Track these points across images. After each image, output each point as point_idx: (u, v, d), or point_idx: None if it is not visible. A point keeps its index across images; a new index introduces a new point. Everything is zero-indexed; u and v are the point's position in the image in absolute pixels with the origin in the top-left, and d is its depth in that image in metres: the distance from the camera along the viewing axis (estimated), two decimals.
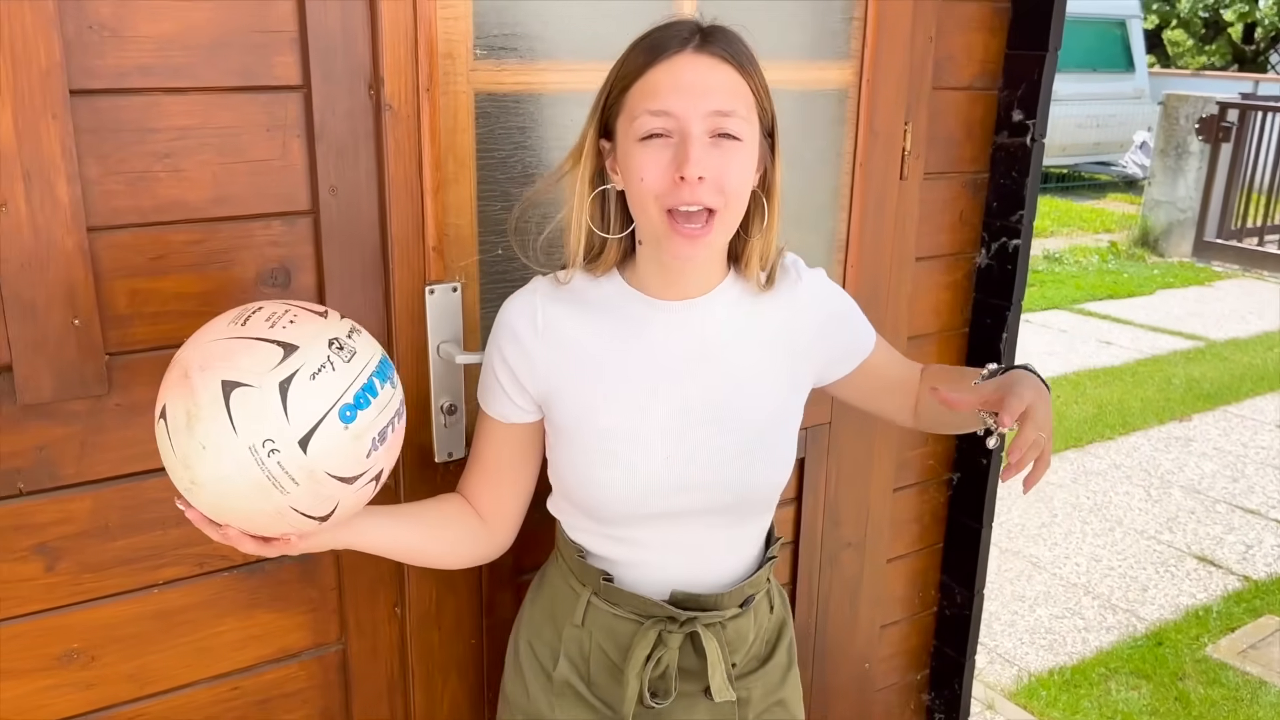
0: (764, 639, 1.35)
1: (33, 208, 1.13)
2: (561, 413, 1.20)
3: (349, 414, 1.00)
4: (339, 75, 1.28)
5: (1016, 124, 1.91)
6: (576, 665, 1.29)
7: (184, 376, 0.99)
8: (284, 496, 0.99)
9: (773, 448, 1.23)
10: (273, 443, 0.97)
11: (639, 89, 1.09)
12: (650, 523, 1.21)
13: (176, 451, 0.99)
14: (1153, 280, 8.30)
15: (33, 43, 1.10)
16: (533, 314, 1.20)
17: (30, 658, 1.27)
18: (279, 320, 1.02)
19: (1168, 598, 3.55)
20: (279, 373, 0.97)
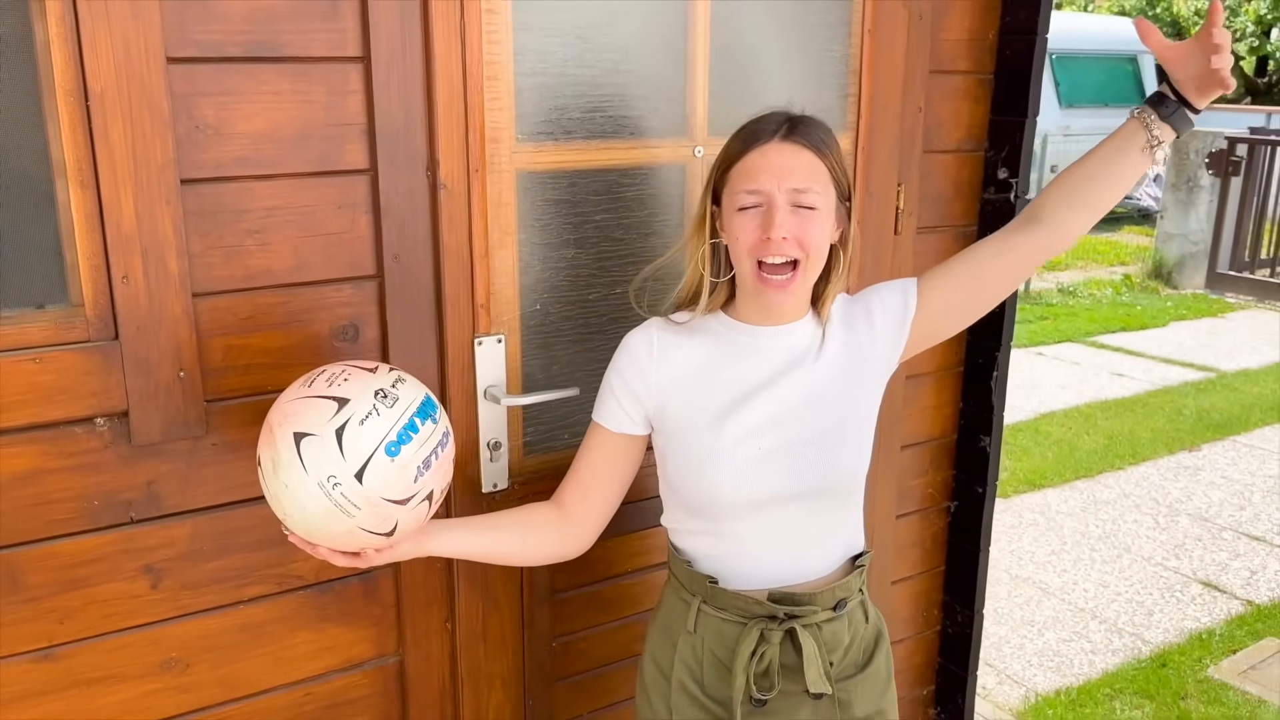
0: (860, 646, 1.50)
1: (149, 279, 1.35)
2: (673, 420, 1.42)
3: (394, 449, 1.23)
4: (401, 160, 1.49)
5: (1002, 181, 2.11)
6: (691, 669, 1.47)
7: (269, 432, 1.24)
8: (351, 520, 1.23)
9: (846, 440, 1.43)
10: (335, 478, 1.20)
11: (738, 170, 1.36)
12: (749, 513, 1.40)
13: (270, 491, 1.25)
14: (1166, 312, 8.43)
15: (150, 142, 1.32)
16: (649, 341, 1.44)
17: (136, 665, 1.47)
18: (335, 379, 1.25)
19: (1172, 621, 3.68)
20: (335, 422, 1.21)
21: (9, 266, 1.30)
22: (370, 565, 1.32)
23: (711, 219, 1.41)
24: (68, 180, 1.29)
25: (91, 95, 1.27)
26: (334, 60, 1.43)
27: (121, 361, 1.35)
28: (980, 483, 2.24)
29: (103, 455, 1.38)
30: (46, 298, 1.32)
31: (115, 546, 1.42)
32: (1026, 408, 5.94)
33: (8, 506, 1.34)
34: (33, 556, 1.36)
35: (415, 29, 1.45)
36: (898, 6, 1.87)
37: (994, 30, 2.07)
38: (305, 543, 1.29)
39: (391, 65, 1.45)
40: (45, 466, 1.35)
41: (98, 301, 1.33)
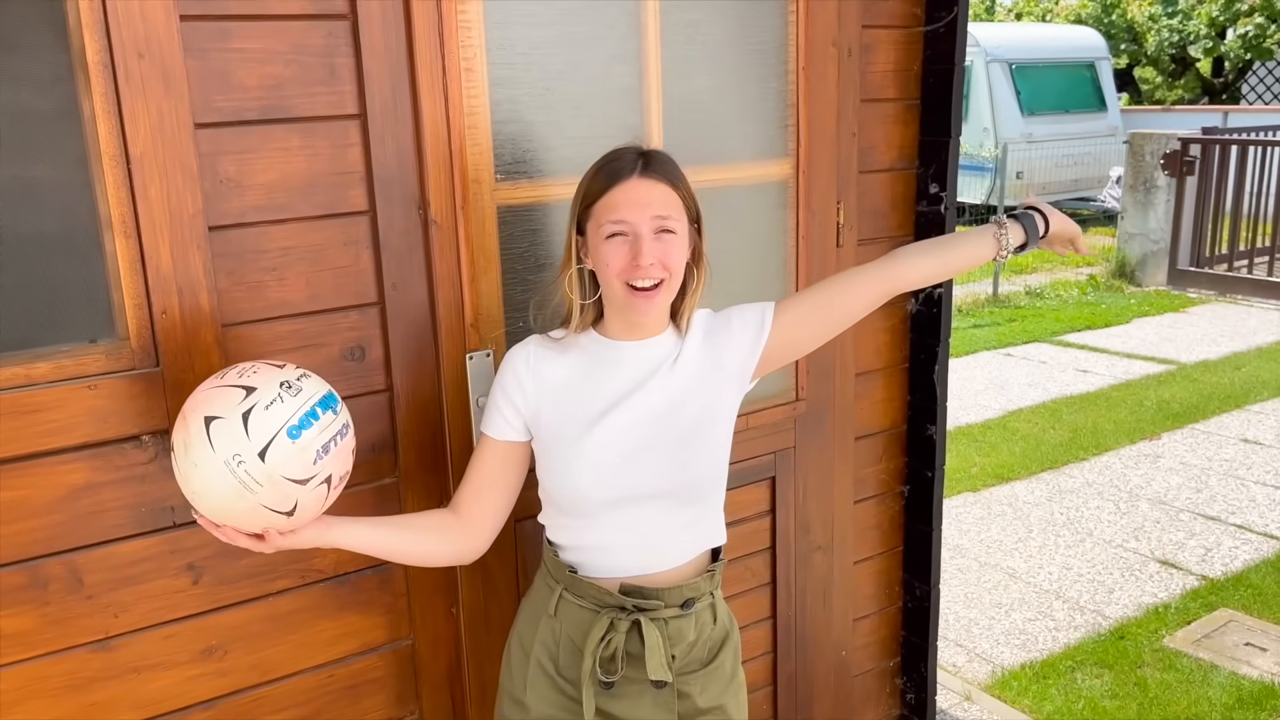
0: (706, 645, 1.63)
1: (184, 313, 1.56)
2: (546, 426, 1.57)
3: (295, 432, 1.35)
4: (396, 201, 1.71)
5: (933, 195, 2.35)
6: (549, 649, 1.62)
7: (182, 419, 1.37)
8: (254, 496, 1.34)
9: (700, 442, 1.58)
10: (240, 456, 1.32)
11: (603, 204, 1.50)
12: (610, 508, 1.54)
13: (180, 472, 1.36)
14: (1129, 309, 8.72)
15: (182, 196, 1.54)
16: (526, 356, 1.59)
17: (182, 652, 1.68)
18: (245, 372, 1.39)
19: (1131, 598, 3.92)
20: (242, 406, 1.34)
21: (67, 308, 1.52)
22: (275, 548, 1.42)
23: (576, 248, 1.56)
24: (113, 232, 1.51)
25: (132, 159, 1.49)
26: (335, 118, 1.65)
27: (163, 385, 1.57)
28: (929, 468, 2.47)
29: (148, 468, 1.59)
30: (98, 333, 1.54)
31: (161, 547, 1.63)
32: (995, 406, 6.19)
33: (69, 515, 1.55)
34: (91, 558, 1.57)
35: (404, 88, 1.68)
36: (828, 46, 2.12)
37: (918, 62, 2.32)
38: (211, 523, 1.40)
39: (385, 120, 1.68)
40: (99, 479, 1.56)
41: (141, 334, 1.55)
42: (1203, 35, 17.70)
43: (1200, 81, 19.10)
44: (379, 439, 1.78)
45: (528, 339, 1.63)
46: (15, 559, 1.52)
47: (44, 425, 1.49)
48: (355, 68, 1.65)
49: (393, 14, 1.65)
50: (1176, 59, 18.85)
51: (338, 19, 1.63)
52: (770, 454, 2.25)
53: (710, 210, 2.07)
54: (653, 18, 1.91)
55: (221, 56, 1.55)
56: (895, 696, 2.67)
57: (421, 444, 1.81)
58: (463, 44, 1.72)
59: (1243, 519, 4.57)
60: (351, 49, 1.64)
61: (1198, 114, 14.98)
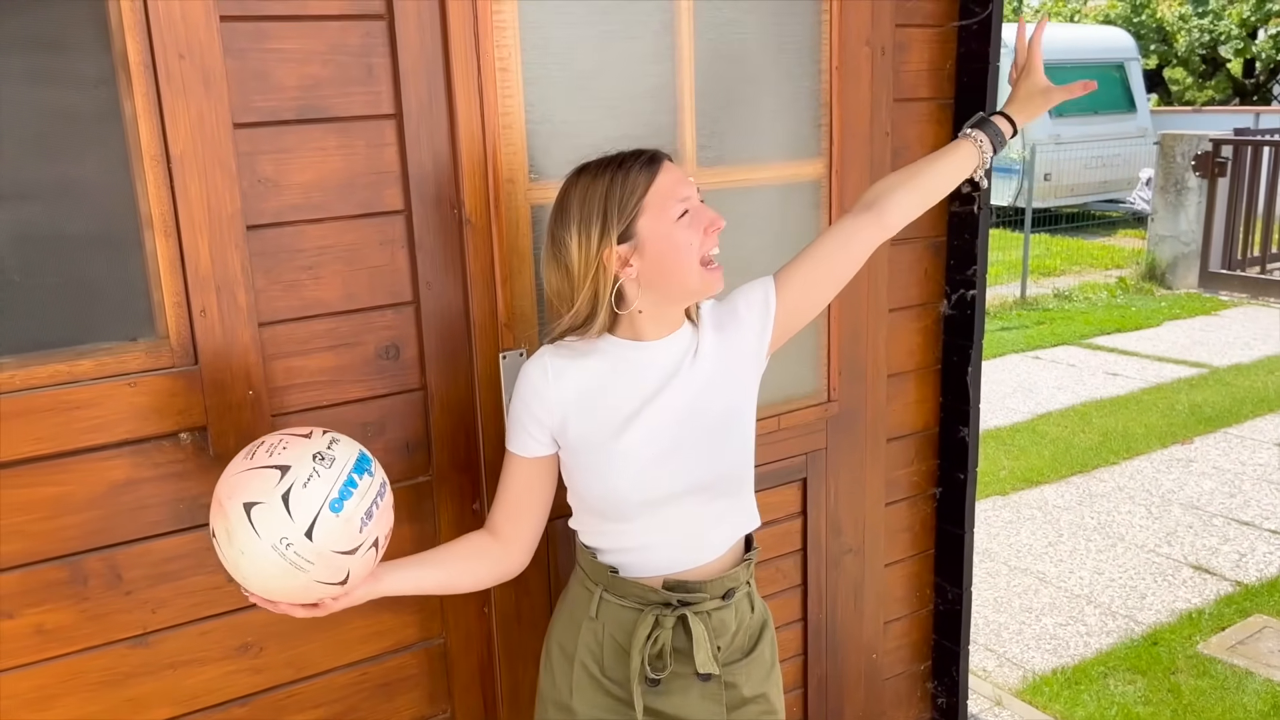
0: (746, 633, 1.64)
1: (222, 312, 1.58)
2: (574, 436, 1.55)
3: (337, 505, 1.34)
4: (431, 200, 1.72)
5: (965, 196, 2.33)
6: (592, 651, 1.61)
7: (219, 506, 1.34)
8: (306, 574, 1.34)
9: (732, 431, 1.58)
10: (287, 539, 1.31)
11: (658, 191, 1.47)
12: (647, 509, 1.54)
13: (226, 558, 1.35)
14: (1160, 312, 8.63)
15: (221, 196, 1.55)
16: (544, 367, 1.56)
17: (218, 648, 1.69)
18: (274, 449, 1.36)
19: (1164, 604, 3.87)
20: (280, 488, 1.32)
21: (109, 306, 1.53)
22: (329, 613, 1.43)
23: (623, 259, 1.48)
24: (154, 231, 1.52)
25: (173, 158, 1.50)
26: (372, 118, 1.66)
27: (201, 383, 1.58)
28: (961, 470, 2.45)
29: (186, 465, 1.60)
30: (139, 331, 1.55)
31: (198, 544, 1.64)
32: (1024, 409, 6.15)
33: (109, 511, 1.56)
34: (131, 554, 1.59)
35: (440, 88, 1.69)
36: (861, 45, 2.11)
37: (951, 60, 2.30)
38: (266, 600, 1.40)
39: (421, 120, 1.68)
40: (139, 476, 1.57)
41: (180, 333, 1.56)
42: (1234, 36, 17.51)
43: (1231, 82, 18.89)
44: (413, 438, 1.79)
45: (540, 351, 1.60)
46: (56, 554, 1.53)
47: (86, 422, 1.51)
48: (392, 67, 1.66)
49: (429, 14, 1.66)
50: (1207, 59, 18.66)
51: (374, 19, 1.64)
52: (802, 455, 2.24)
53: (742, 209, 2.08)
54: (686, 16, 1.91)
55: (260, 57, 1.56)
56: (926, 700, 2.65)
57: (455, 442, 1.82)
58: (498, 44, 1.72)
59: (1277, 524, 4.51)
60: (388, 49, 1.65)
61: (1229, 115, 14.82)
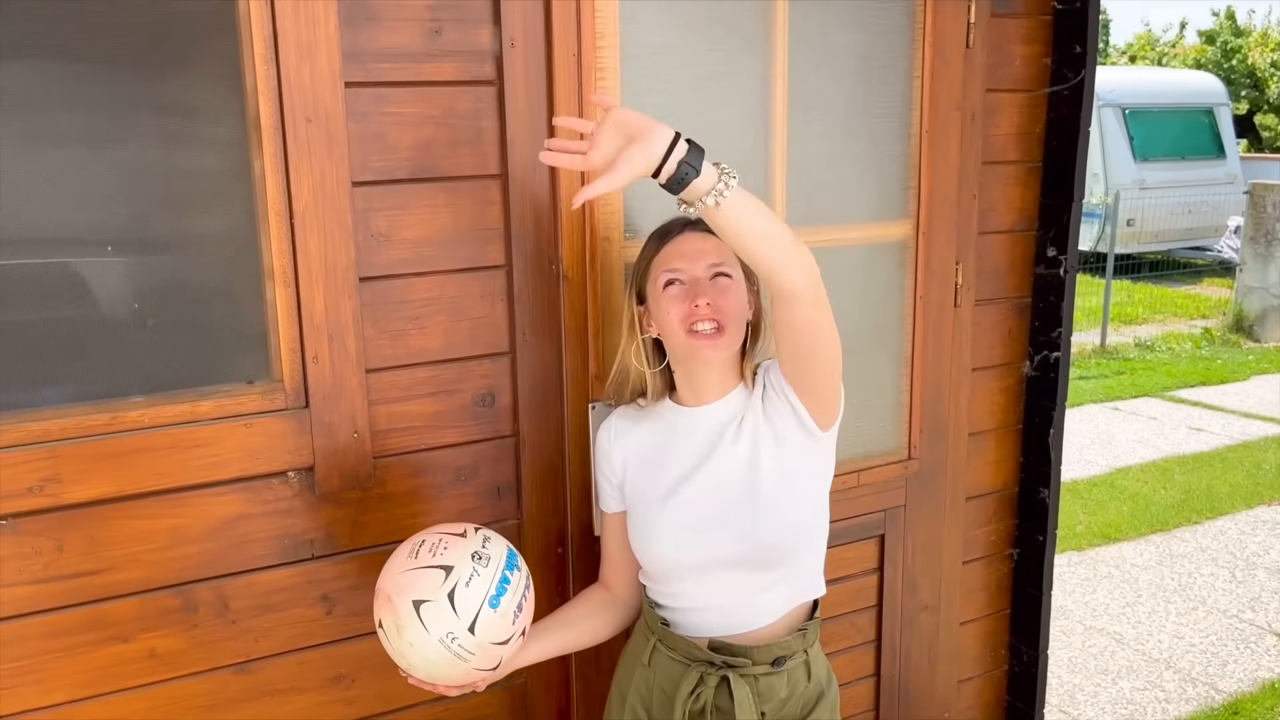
0: (800, 701, 1.62)
1: (333, 359, 1.66)
2: (629, 496, 1.67)
3: (495, 601, 1.47)
4: (530, 256, 1.79)
5: (1051, 258, 2.34)
6: (643, 696, 1.67)
7: (388, 600, 1.47)
8: (467, 664, 1.47)
9: (777, 506, 1.55)
10: (453, 633, 1.44)
11: (658, 261, 1.58)
12: (690, 574, 1.59)
13: (394, 648, 1.48)
14: (1247, 366, 8.40)
15: (338, 249, 1.64)
16: (609, 429, 1.71)
17: (314, 678, 1.76)
18: (436, 549, 1.49)
19: (1246, 672, 3.77)
20: (445, 587, 1.44)
21: (230, 351, 1.63)
22: (480, 690, 1.59)
23: (639, 318, 1.62)
24: (274, 281, 1.62)
25: (295, 214, 1.60)
26: (478, 178, 1.75)
27: (311, 425, 1.67)
28: (1040, 531, 2.44)
29: (293, 502, 1.69)
30: (255, 374, 1.65)
31: (300, 578, 1.72)
32: (1102, 462, 6.03)
33: (220, 544, 1.65)
34: (238, 585, 1.67)
35: None
36: (952, 110, 2.14)
37: (1041, 124, 2.32)
38: (423, 682, 1.53)
39: (524, 180, 1.76)
40: (249, 511, 1.66)
41: (293, 377, 1.65)
42: None
43: None
44: (504, 482, 1.86)
45: (612, 412, 1.73)
46: (171, 583, 1.63)
47: (204, 460, 1.60)
48: (499, 130, 1.74)
49: (536, 81, 1.74)
50: None
51: (485, 85, 1.72)
52: (880, 511, 2.26)
53: (828, 269, 2.11)
54: (781, 84, 1.97)
55: (379, 120, 1.66)
56: None
57: (544, 488, 1.88)
58: None
59: None
60: (496, 113, 1.74)
61: None
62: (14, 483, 1.49)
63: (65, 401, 1.54)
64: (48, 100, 1.47)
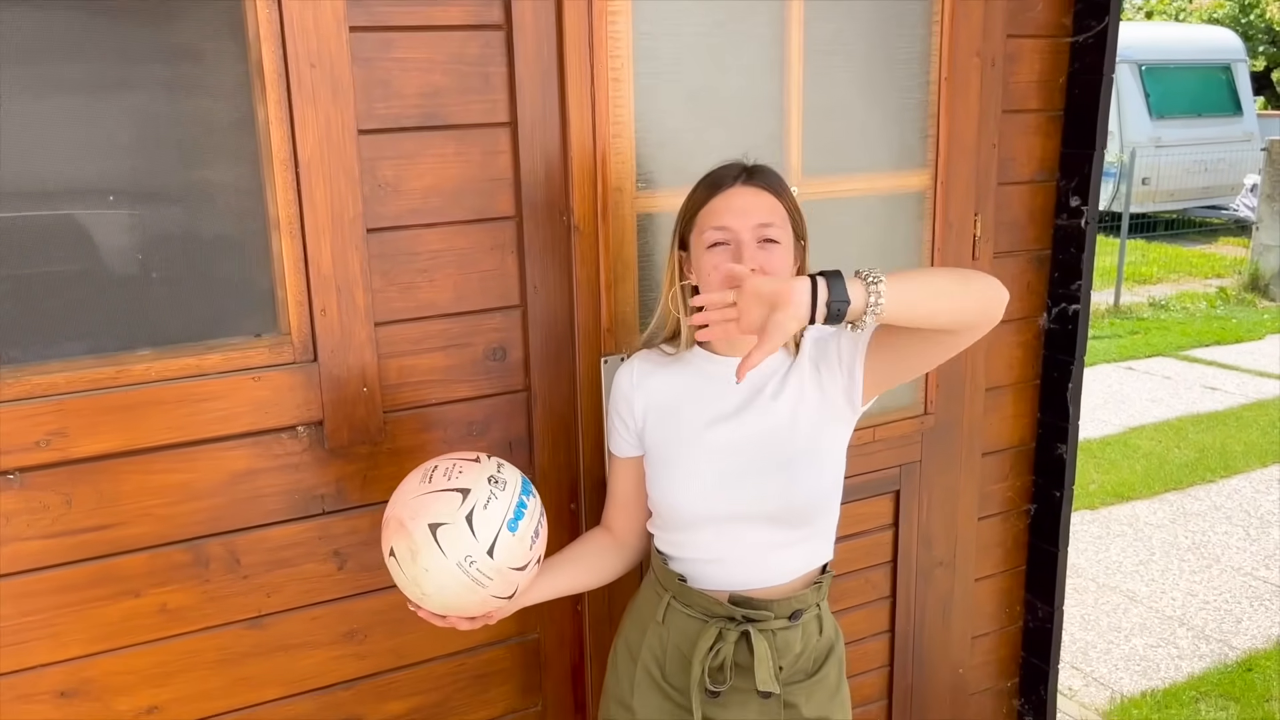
0: (811, 655, 1.62)
1: (341, 311, 1.64)
2: (650, 442, 1.61)
3: (514, 525, 1.43)
4: (541, 207, 1.76)
5: (1073, 209, 2.29)
6: (656, 656, 1.63)
7: (400, 525, 1.41)
8: (485, 590, 1.43)
9: (807, 467, 1.54)
10: (471, 557, 1.39)
11: (705, 213, 1.51)
12: (712, 526, 1.55)
13: (408, 576, 1.42)
14: (1262, 325, 8.32)
15: (345, 200, 1.61)
16: (631, 372, 1.64)
17: (326, 634, 1.76)
18: (450, 473, 1.44)
19: (1260, 629, 3.75)
20: (464, 510, 1.40)
21: (236, 304, 1.60)
22: (490, 624, 1.54)
23: (680, 264, 1.57)
24: (280, 232, 1.59)
25: (300, 163, 1.57)
26: (487, 126, 1.71)
27: (319, 379, 1.64)
28: (1058, 487, 2.41)
29: (303, 457, 1.67)
30: (263, 328, 1.62)
31: (312, 533, 1.71)
32: (1115, 421, 5.99)
33: (230, 499, 1.63)
34: (249, 540, 1.66)
35: (553, 98, 1.72)
36: (971, 56, 2.09)
37: (1063, 73, 2.26)
38: (435, 615, 1.49)
39: (534, 129, 1.72)
40: (258, 466, 1.64)
41: (301, 330, 1.63)
42: None
43: None
44: (516, 437, 1.83)
45: (634, 355, 1.67)
46: (181, 538, 1.61)
47: (212, 413, 1.58)
48: (508, 76, 1.70)
49: (545, 25, 1.70)
50: None
51: (493, 29, 1.68)
52: (896, 467, 2.24)
53: (846, 219, 2.08)
54: (796, 28, 1.91)
55: (384, 66, 1.61)
56: (1012, 717, 2.62)
57: (556, 442, 1.86)
58: (611, 54, 1.75)
59: None
60: (505, 58, 1.69)
61: None
62: (21, 437, 1.47)
63: (71, 355, 1.52)
64: (48, 48, 1.44)
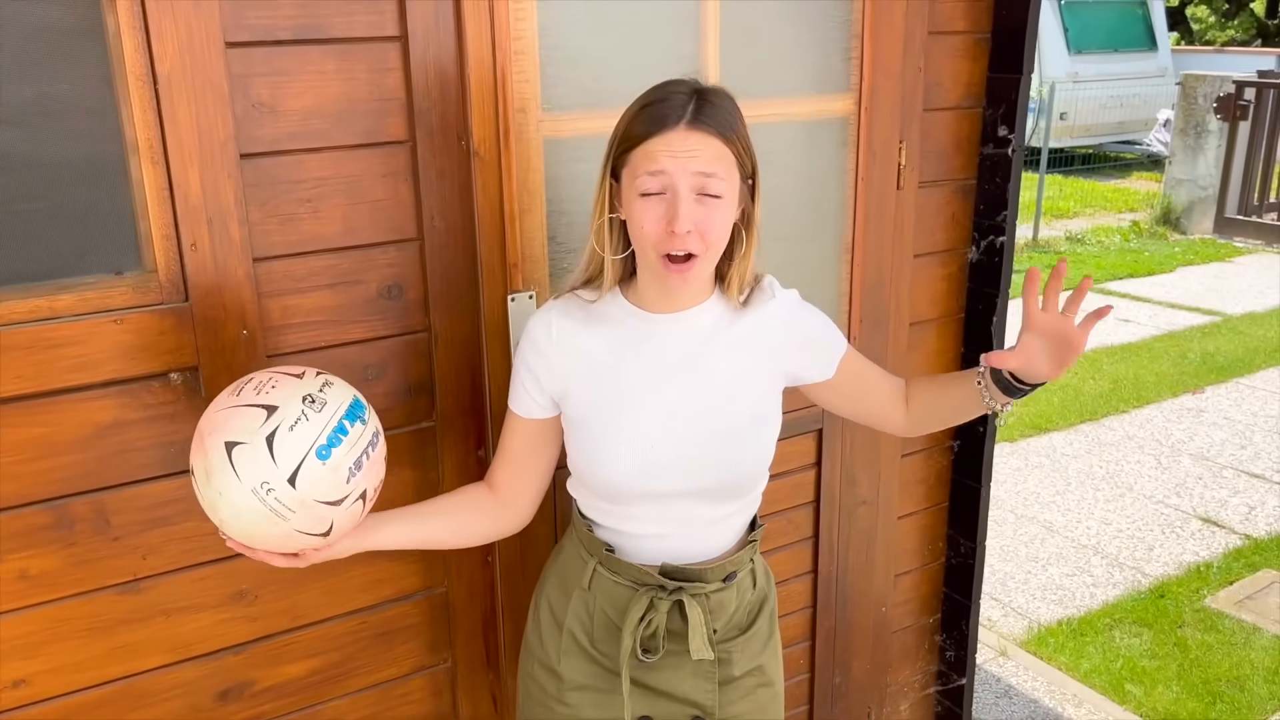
0: (745, 609, 1.55)
1: (214, 246, 1.48)
2: (574, 407, 1.45)
3: (324, 452, 1.25)
4: (437, 131, 1.61)
5: (1000, 138, 2.22)
6: (583, 622, 1.53)
7: (200, 441, 1.26)
8: (287, 523, 1.26)
9: (747, 439, 1.45)
10: (268, 483, 1.23)
11: (640, 152, 1.32)
12: (646, 501, 1.44)
13: (204, 499, 1.27)
14: (1174, 258, 8.50)
15: (213, 121, 1.44)
16: (548, 327, 1.45)
17: (212, 596, 1.63)
18: (263, 387, 1.27)
19: (1172, 556, 3.83)
20: (265, 429, 1.23)
21: (91, 238, 1.43)
22: (309, 564, 1.36)
23: (611, 194, 1.39)
24: (140, 157, 1.42)
25: (159, 78, 1.39)
26: (374, 40, 1.55)
27: (192, 321, 1.49)
28: (981, 423, 2.37)
29: (178, 406, 1.52)
30: (124, 265, 1.46)
31: (191, 489, 1.56)
32: None
33: (96, 454, 1.48)
34: (119, 498, 1.51)
35: (448, 8, 1.57)
36: None
37: None
38: (243, 546, 1.33)
39: (426, 43, 1.57)
40: (127, 417, 1.49)
41: (169, 267, 1.47)
42: None
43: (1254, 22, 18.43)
44: (416, 381, 1.71)
45: (548, 305, 1.48)
46: (41, 498, 1.46)
47: (69, 360, 1.43)
48: None
49: None
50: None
51: None
52: None
53: (766, 148, 1.95)
54: None
55: None
56: (934, 653, 2.61)
57: (460, 387, 1.74)
58: None
59: None
60: None
61: (1250, 56, 14.47)
62: None
63: None
64: None
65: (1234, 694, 3.00)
